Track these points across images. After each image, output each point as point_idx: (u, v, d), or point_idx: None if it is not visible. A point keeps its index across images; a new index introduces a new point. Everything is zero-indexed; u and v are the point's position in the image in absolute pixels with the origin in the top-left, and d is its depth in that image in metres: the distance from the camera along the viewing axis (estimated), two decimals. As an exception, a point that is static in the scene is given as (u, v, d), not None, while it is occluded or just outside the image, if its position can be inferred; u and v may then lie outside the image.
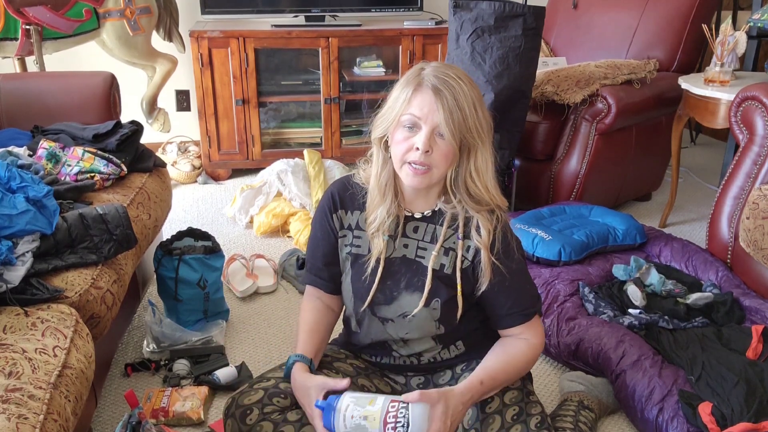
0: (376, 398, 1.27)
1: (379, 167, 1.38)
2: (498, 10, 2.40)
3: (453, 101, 1.27)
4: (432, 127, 1.28)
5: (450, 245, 1.41)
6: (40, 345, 1.26)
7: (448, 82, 1.27)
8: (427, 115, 1.27)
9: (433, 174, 1.32)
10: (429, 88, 1.28)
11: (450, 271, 1.40)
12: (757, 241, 1.93)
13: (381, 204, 1.39)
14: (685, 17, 2.93)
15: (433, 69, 1.30)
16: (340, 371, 1.50)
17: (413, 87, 1.29)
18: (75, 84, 2.29)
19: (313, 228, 1.52)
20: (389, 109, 1.33)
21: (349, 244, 1.46)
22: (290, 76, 3.46)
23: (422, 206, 1.43)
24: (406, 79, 1.32)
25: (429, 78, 1.28)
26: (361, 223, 1.45)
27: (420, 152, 1.28)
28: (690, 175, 3.53)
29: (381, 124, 1.35)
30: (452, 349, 1.48)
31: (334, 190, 1.48)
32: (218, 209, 3.06)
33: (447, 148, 1.30)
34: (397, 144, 1.31)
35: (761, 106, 2.13)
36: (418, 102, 1.28)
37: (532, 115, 2.73)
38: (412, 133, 1.29)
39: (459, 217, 1.39)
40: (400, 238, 1.43)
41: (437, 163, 1.31)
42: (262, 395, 1.37)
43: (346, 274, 1.47)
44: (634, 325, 1.86)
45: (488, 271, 1.36)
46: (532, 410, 1.39)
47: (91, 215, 1.61)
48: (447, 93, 1.27)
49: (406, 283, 1.42)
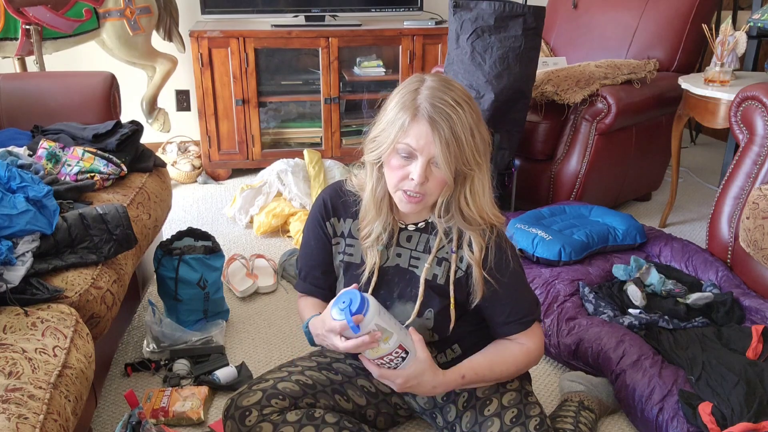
0: (392, 336, 1.28)
1: (374, 184, 1.36)
2: (498, 10, 2.40)
3: (450, 133, 1.22)
4: (428, 158, 1.25)
5: (443, 255, 1.40)
6: (40, 345, 1.26)
7: (445, 111, 1.23)
8: (423, 147, 1.24)
9: (427, 201, 1.32)
10: (425, 119, 1.23)
11: (443, 282, 1.40)
12: (757, 241, 1.93)
13: (377, 218, 1.38)
14: (685, 17, 2.93)
15: (430, 94, 1.24)
16: (339, 372, 1.50)
17: (409, 115, 1.24)
18: (75, 84, 2.29)
19: (305, 236, 1.50)
20: (384, 133, 1.28)
21: (342, 251, 1.45)
22: (290, 76, 3.46)
23: (415, 218, 1.42)
24: (402, 102, 1.26)
25: (425, 107, 1.23)
26: (353, 231, 1.44)
27: (415, 183, 1.26)
28: (690, 175, 3.53)
29: (375, 149, 1.31)
30: (449, 352, 1.48)
31: (326, 197, 1.46)
32: (218, 209, 3.06)
33: (441, 177, 1.27)
34: (393, 170, 1.29)
35: (761, 106, 2.13)
36: (414, 133, 1.24)
37: (532, 115, 2.73)
38: (407, 162, 1.27)
39: (453, 231, 1.38)
40: (394, 247, 1.42)
41: (431, 191, 1.30)
42: (260, 396, 1.37)
43: (339, 282, 1.47)
44: (634, 325, 1.86)
45: (480, 286, 1.36)
46: (531, 412, 1.39)
47: (91, 215, 1.61)
48: (443, 125, 1.22)
49: (399, 293, 1.41)
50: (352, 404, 1.47)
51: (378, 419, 1.53)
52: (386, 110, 1.30)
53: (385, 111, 1.31)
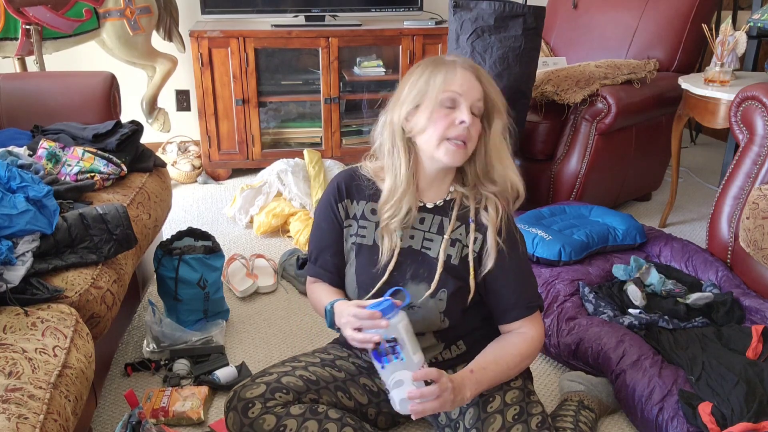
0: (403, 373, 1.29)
1: (404, 158, 1.40)
2: (498, 10, 2.40)
3: (487, 76, 1.38)
4: (471, 102, 1.35)
5: (456, 236, 1.43)
6: (40, 345, 1.26)
7: (474, 65, 1.39)
8: (467, 91, 1.35)
9: (468, 150, 1.38)
10: (465, 67, 1.36)
11: (456, 262, 1.42)
12: (757, 241, 1.93)
13: (406, 193, 1.40)
14: (685, 17, 2.93)
15: (454, 55, 1.41)
16: (342, 369, 1.50)
17: (447, 68, 1.36)
18: (75, 84, 2.29)
19: (316, 219, 1.53)
20: (417, 94, 1.36)
21: (354, 233, 1.47)
22: (290, 76, 3.46)
23: (434, 196, 1.46)
24: (432, 64, 1.38)
25: (460, 60, 1.38)
26: (366, 213, 1.46)
27: (465, 125, 1.34)
28: (690, 175, 3.53)
29: (408, 102, 1.37)
30: (453, 349, 1.49)
31: (340, 180, 1.50)
32: (218, 209, 3.06)
33: (479, 124, 1.38)
34: (436, 122, 1.35)
35: (761, 106, 2.13)
36: (458, 80, 1.35)
37: (532, 115, 2.73)
38: (450, 111, 1.35)
39: (470, 203, 1.43)
40: (408, 229, 1.44)
41: (473, 137, 1.37)
42: (264, 389, 1.38)
43: (350, 265, 1.48)
44: (634, 325, 1.86)
45: (493, 252, 1.40)
46: (533, 410, 1.39)
47: (91, 215, 1.61)
48: (481, 71, 1.39)
49: (412, 274, 1.43)
50: (353, 402, 1.48)
51: (379, 418, 1.53)
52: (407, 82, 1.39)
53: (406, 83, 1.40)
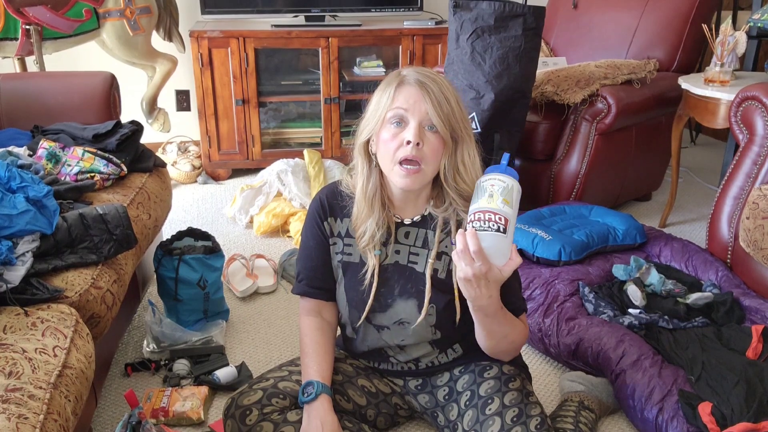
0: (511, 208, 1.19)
1: (365, 178, 1.37)
2: (498, 10, 2.40)
3: (439, 92, 1.27)
4: (420, 118, 1.27)
5: (443, 249, 1.40)
6: (40, 345, 1.26)
7: (429, 76, 1.29)
8: (414, 106, 1.27)
9: (425, 173, 1.30)
10: (413, 83, 1.28)
11: (444, 276, 1.40)
12: (757, 241, 1.93)
13: (370, 216, 1.37)
14: (685, 17, 2.93)
15: (412, 69, 1.31)
16: (340, 371, 1.50)
17: (395, 84, 1.30)
18: (75, 84, 2.29)
19: (304, 237, 1.49)
20: (372, 113, 1.32)
21: (340, 252, 1.45)
22: (290, 76, 3.46)
23: (411, 212, 1.42)
24: (386, 81, 1.33)
25: (410, 75, 1.29)
26: (350, 231, 1.44)
27: (411, 145, 1.26)
28: (690, 175, 3.53)
29: (365, 128, 1.34)
30: (450, 352, 1.48)
31: (323, 197, 1.47)
32: (218, 209, 3.06)
33: (436, 141, 1.29)
34: (386, 143, 1.29)
35: (761, 106, 2.13)
36: (403, 95, 1.28)
37: (532, 115, 2.73)
38: (399, 128, 1.28)
39: (451, 221, 1.38)
40: (393, 244, 1.42)
41: (428, 158, 1.29)
42: (261, 396, 1.37)
43: (339, 283, 1.46)
44: (634, 325, 1.86)
45: None
46: (532, 411, 1.39)
47: (91, 215, 1.61)
48: (431, 85, 1.27)
49: (400, 290, 1.41)
50: (352, 404, 1.47)
51: (378, 419, 1.53)
52: (371, 100, 1.35)
53: (369, 102, 1.35)
